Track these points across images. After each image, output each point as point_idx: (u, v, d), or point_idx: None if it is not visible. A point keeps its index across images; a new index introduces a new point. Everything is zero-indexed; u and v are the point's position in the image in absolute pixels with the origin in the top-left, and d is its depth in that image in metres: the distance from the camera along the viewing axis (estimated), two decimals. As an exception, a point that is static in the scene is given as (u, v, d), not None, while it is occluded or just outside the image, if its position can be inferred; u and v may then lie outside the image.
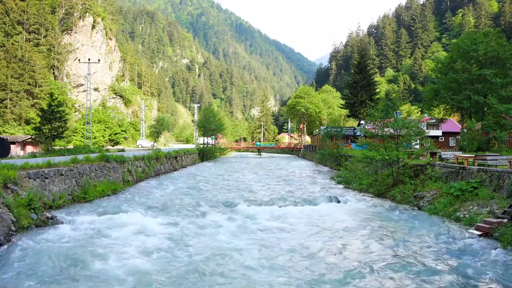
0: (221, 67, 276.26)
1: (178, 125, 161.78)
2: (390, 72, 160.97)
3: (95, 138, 71.30)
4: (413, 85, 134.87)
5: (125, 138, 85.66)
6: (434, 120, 48.48)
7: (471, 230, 13.59)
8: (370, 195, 23.95)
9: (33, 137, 41.27)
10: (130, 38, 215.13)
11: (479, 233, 13.05)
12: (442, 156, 22.98)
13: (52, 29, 78.13)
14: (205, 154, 65.82)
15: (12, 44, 67.44)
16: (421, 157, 25.56)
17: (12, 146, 39.10)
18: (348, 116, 76.86)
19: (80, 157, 24.23)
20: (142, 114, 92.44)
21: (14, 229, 12.78)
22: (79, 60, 74.83)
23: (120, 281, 9.55)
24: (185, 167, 48.79)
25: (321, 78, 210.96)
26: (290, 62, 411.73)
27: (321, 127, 72.14)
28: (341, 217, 17.43)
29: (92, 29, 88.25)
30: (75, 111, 78.70)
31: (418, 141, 29.04)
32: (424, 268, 10.58)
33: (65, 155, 29.01)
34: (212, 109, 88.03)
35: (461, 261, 11.02)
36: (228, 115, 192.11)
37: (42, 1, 79.24)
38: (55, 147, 36.63)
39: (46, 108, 35.79)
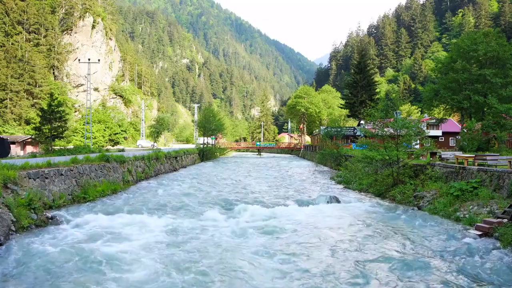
0: (221, 67, 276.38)
1: (178, 125, 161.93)
2: (390, 72, 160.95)
3: (95, 138, 71.31)
4: (413, 85, 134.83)
5: (125, 138, 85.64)
6: (434, 120, 48.47)
7: (471, 230, 13.58)
8: (370, 195, 23.96)
9: (33, 137, 41.26)
10: (130, 38, 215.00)
11: (479, 233, 13.04)
12: (442, 156, 22.96)
13: (52, 29, 78.16)
14: (205, 154, 65.88)
15: (12, 44, 67.45)
16: (421, 157, 25.54)
17: (12, 146, 39.09)
18: (348, 116, 76.83)
19: (80, 157, 24.24)
20: (142, 114, 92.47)
21: (14, 229, 12.79)
22: (79, 60, 74.87)
23: (120, 280, 9.55)
24: (185, 167, 48.86)
25: (321, 78, 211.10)
26: (290, 62, 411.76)
27: (321, 127, 72.09)
28: (341, 217, 17.42)
29: (92, 29, 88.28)
30: (75, 111, 78.72)
31: (418, 141, 29.01)
32: (424, 268, 10.56)
33: (65, 155, 29.02)
34: (212, 109, 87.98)
35: (461, 261, 11.02)
36: (228, 115, 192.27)
37: (42, 1, 79.29)
38: (55, 147, 36.61)
39: (46, 108, 35.75)
